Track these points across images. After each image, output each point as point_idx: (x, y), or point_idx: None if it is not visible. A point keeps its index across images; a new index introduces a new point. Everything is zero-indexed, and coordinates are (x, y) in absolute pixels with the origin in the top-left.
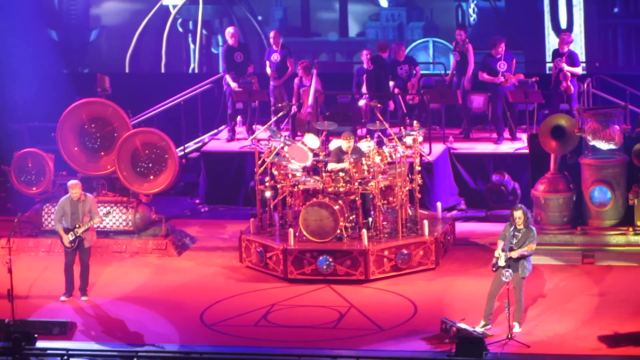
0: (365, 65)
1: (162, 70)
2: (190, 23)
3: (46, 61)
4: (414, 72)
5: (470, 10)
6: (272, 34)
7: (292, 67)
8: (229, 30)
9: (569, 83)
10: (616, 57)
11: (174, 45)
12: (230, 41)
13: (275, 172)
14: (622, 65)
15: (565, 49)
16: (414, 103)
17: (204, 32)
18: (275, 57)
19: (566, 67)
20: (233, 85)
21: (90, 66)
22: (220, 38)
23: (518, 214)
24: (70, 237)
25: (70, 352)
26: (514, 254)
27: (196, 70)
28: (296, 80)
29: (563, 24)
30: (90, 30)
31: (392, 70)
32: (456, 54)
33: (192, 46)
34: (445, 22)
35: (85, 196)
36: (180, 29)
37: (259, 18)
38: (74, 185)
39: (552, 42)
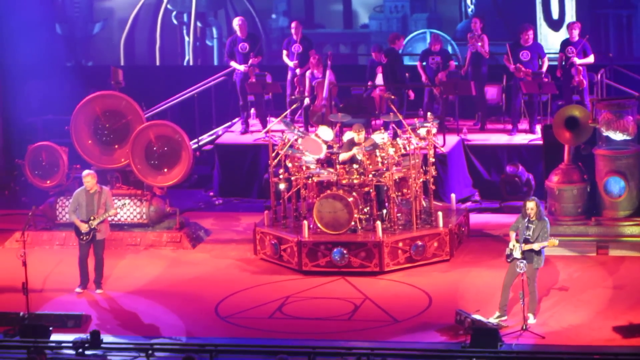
0: (375, 58)
1: (157, 63)
2: (185, 15)
3: (58, 55)
4: (447, 65)
5: (468, 1)
6: (293, 25)
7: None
8: (235, 20)
9: (582, 77)
10: (623, 47)
11: (168, 38)
12: (237, 32)
13: (289, 165)
14: (638, 56)
15: (576, 38)
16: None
17: (199, 24)
18: (297, 47)
19: (578, 61)
20: (241, 67)
21: (94, 59)
22: (215, 30)
23: (531, 205)
24: (86, 229)
25: (85, 345)
26: (535, 247)
27: (191, 63)
28: (308, 74)
29: (555, 15)
30: (94, 23)
31: (423, 58)
32: (471, 44)
33: (186, 39)
34: (449, 14)
35: (101, 188)
36: (175, 21)
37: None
38: (87, 175)
39: (543, 33)
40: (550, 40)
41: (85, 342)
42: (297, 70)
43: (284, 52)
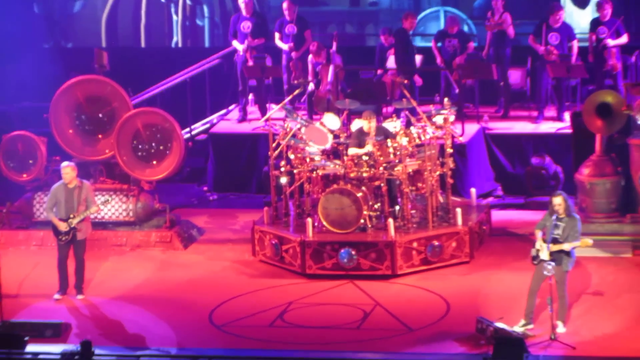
0: (384, 42)
1: (142, 45)
2: None
3: (35, 35)
4: (465, 47)
5: None
6: (285, 5)
7: (309, 39)
8: None
9: (615, 60)
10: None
11: (154, 17)
12: (242, 9)
13: (292, 156)
14: None
15: (608, 17)
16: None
17: (188, 2)
18: (291, 28)
19: (611, 42)
20: (240, 47)
21: (75, 40)
22: (206, 8)
23: (558, 200)
24: (65, 228)
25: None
26: (566, 247)
27: (179, 44)
28: (310, 58)
29: None
30: (75, 1)
31: (439, 39)
32: (491, 24)
33: (175, 18)
34: None
35: (81, 182)
36: None
37: None
38: (67, 166)
39: (567, 11)
40: (575, 19)
41: (75, 353)
42: (293, 54)
43: (277, 34)
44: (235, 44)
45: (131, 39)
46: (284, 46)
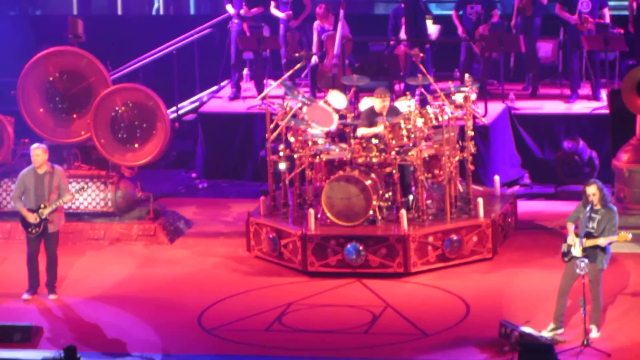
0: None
1: (119, 12)
2: None
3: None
4: (490, 15)
5: None
6: None
7: (309, 5)
8: None
9: None
10: None
11: None
12: None
13: (292, 139)
14: None
15: None
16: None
17: None
18: None
19: None
20: (232, 11)
21: (43, 7)
22: None
23: (592, 190)
24: (34, 220)
25: None
26: (602, 242)
27: (161, 12)
28: (316, 25)
29: None
30: None
31: (460, 7)
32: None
33: None
34: None
35: (52, 168)
36: None
37: None
38: (37, 148)
39: None
40: None
41: None
42: (291, 23)
43: (272, 2)
44: (229, 8)
45: (105, 6)
46: (281, 14)
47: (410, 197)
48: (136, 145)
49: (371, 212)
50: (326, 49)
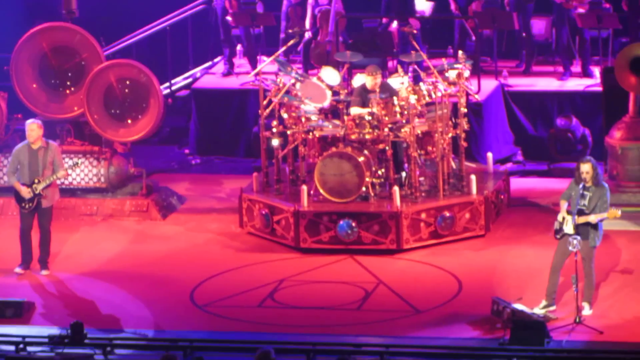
0: None
1: None
2: None
3: None
4: None
5: None
6: None
7: None
8: None
9: None
10: None
11: None
12: None
13: (285, 115)
14: None
15: None
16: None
17: None
18: None
19: None
20: None
21: None
22: None
23: (585, 167)
24: (28, 194)
25: (27, 340)
26: (592, 219)
27: None
28: (311, 0)
29: None
30: None
31: None
32: None
33: None
34: None
35: (47, 144)
36: None
37: None
38: (32, 124)
39: None
40: None
41: (64, 337)
42: (286, 1)
43: None
44: None
45: None
46: None
47: (403, 174)
48: (129, 121)
49: (364, 188)
50: (320, 25)
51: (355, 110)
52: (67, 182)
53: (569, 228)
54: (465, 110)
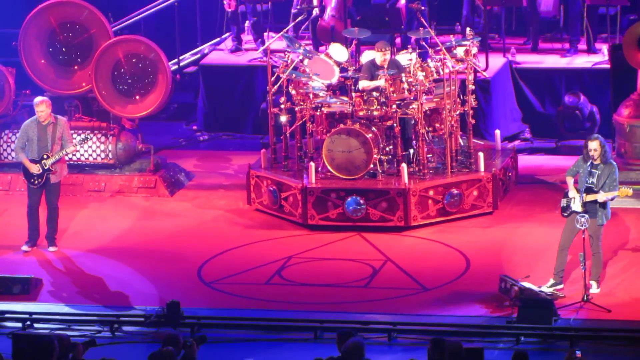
0: None
1: None
2: None
3: None
4: None
5: None
6: None
7: None
8: None
9: None
10: None
11: None
12: None
13: (293, 92)
14: None
15: None
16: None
17: None
18: None
19: None
20: None
21: None
22: None
23: (594, 145)
24: (37, 170)
25: (34, 317)
26: (601, 197)
27: None
28: None
29: None
30: None
31: None
32: None
33: None
34: None
35: (56, 119)
36: None
37: None
38: (41, 103)
39: None
40: None
41: (160, 316)
42: None
43: None
44: None
45: None
46: None
47: (411, 151)
48: (137, 97)
49: (372, 165)
50: (326, 2)
51: (364, 84)
52: (75, 158)
53: (576, 206)
54: (473, 87)
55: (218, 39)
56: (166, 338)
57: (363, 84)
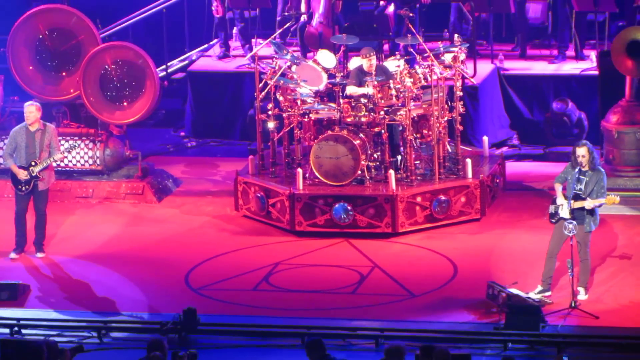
0: None
1: None
2: None
3: None
4: None
5: None
6: None
7: None
8: None
9: None
10: None
11: None
12: None
13: (281, 98)
14: None
15: None
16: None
17: None
18: None
19: None
20: None
21: None
22: None
23: (582, 151)
24: (25, 177)
25: (22, 323)
26: (588, 204)
27: None
28: None
29: None
30: None
31: None
32: None
33: None
34: None
35: (44, 126)
36: None
37: None
38: (30, 106)
39: None
40: None
41: (177, 323)
42: None
43: None
44: None
45: None
46: None
47: (399, 157)
48: (125, 104)
49: (359, 171)
50: (313, 9)
51: (351, 90)
52: (63, 164)
53: (564, 212)
54: (461, 93)
55: (206, 45)
56: (151, 343)
57: (351, 90)
